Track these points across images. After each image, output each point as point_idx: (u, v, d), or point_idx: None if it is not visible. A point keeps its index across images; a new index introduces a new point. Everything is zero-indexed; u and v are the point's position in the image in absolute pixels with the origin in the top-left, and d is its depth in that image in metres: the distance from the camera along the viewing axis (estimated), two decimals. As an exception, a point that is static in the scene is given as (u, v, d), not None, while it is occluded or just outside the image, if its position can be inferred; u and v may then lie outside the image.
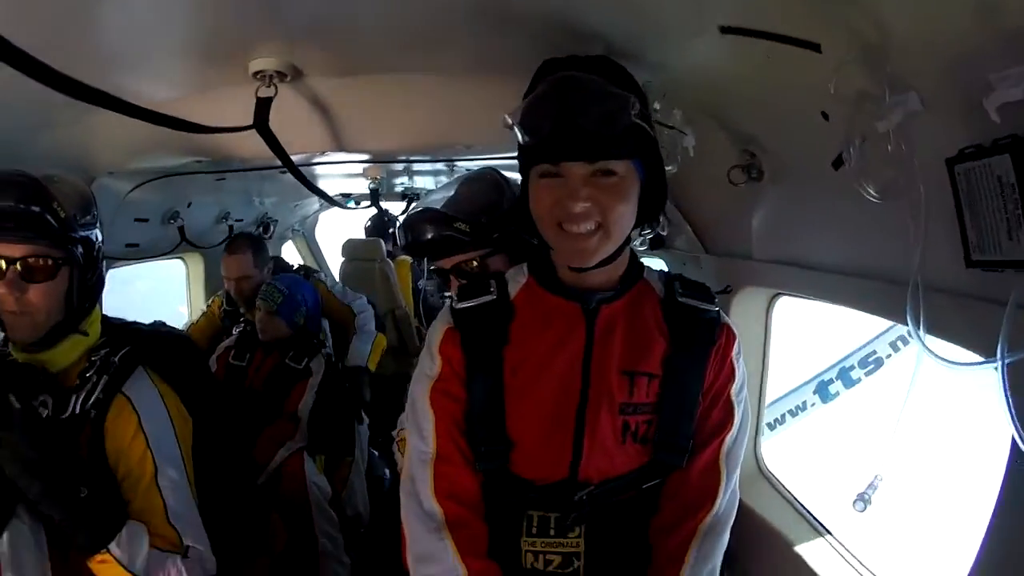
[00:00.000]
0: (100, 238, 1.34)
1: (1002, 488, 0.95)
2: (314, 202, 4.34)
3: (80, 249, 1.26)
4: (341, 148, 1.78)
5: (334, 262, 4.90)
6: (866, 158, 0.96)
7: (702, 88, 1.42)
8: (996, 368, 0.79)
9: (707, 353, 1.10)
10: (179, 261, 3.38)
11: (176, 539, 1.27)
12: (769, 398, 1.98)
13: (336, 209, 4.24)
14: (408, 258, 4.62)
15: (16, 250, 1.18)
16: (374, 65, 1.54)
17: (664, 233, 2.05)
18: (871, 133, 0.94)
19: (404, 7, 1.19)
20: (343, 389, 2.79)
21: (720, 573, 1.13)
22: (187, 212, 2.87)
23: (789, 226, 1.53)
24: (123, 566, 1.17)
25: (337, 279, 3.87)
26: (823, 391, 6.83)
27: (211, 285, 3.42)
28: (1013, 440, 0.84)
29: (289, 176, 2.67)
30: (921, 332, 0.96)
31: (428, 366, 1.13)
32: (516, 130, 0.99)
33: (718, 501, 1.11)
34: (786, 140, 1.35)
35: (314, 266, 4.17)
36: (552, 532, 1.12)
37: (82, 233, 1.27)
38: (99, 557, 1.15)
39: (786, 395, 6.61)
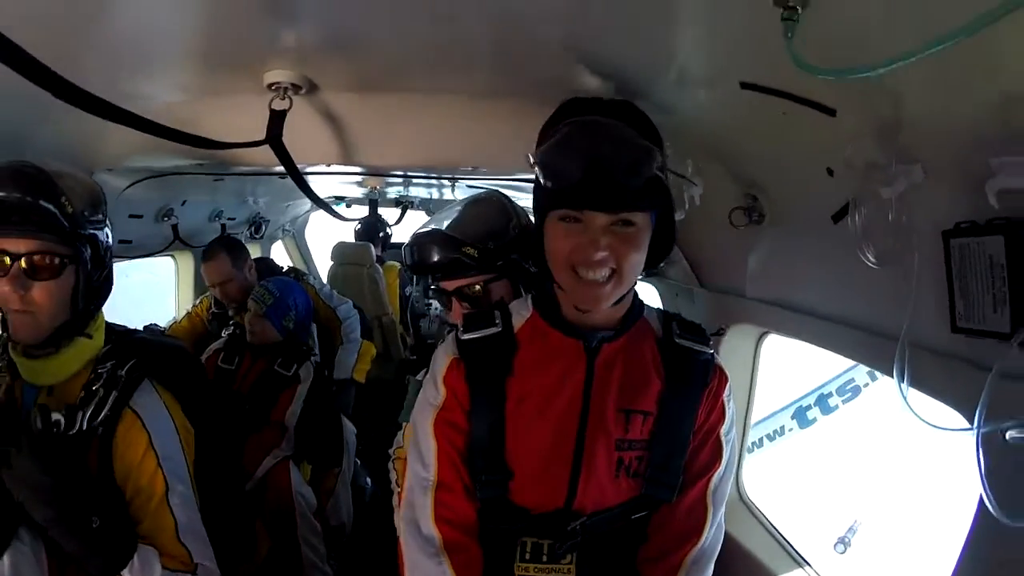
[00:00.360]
0: (110, 238, 1.30)
1: (968, 536, 1.01)
2: (305, 203, 4.34)
3: (88, 248, 1.21)
4: (349, 161, 1.80)
5: (322, 263, 4.90)
6: (868, 222, 1.03)
7: (709, 132, 1.49)
8: (972, 435, 0.86)
9: (700, 394, 1.13)
10: (169, 259, 3.36)
11: (187, 557, 1.26)
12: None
13: (320, 212, 4.27)
14: (396, 264, 4.63)
15: (21, 245, 1.13)
16: (388, 82, 1.58)
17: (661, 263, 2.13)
18: (874, 197, 1.01)
19: (420, 28, 1.21)
20: (330, 399, 2.79)
21: None
22: (181, 210, 2.87)
23: (783, 269, 1.59)
24: None
25: (325, 281, 3.87)
26: (801, 416, 6.99)
27: (200, 284, 3.39)
28: (980, 497, 0.90)
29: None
30: (904, 387, 1.02)
31: (432, 395, 1.15)
32: (537, 170, 0.99)
33: (704, 535, 1.14)
34: (789, 189, 1.42)
35: (303, 267, 4.17)
36: (545, 559, 1.15)
37: (91, 231, 1.23)
38: None
39: (765, 419, 6.75)
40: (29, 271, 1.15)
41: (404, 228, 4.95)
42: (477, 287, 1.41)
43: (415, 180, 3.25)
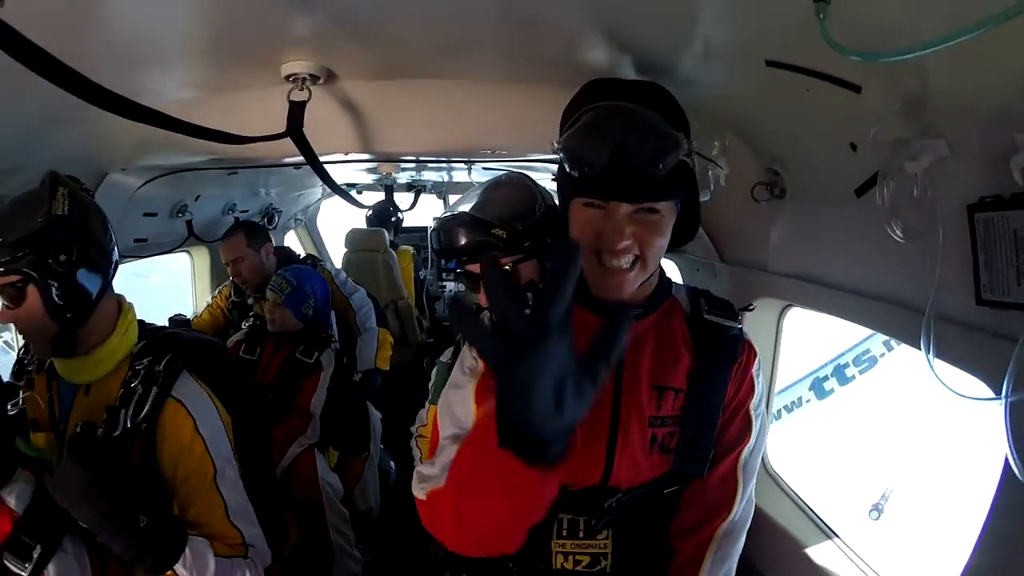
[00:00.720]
0: (66, 251, 1.29)
1: (993, 502, 1.05)
2: (316, 192, 4.37)
3: (37, 267, 1.24)
4: (368, 149, 1.83)
5: (334, 250, 4.95)
6: (895, 196, 1.05)
7: (731, 108, 1.50)
8: (1000, 404, 0.89)
9: (729, 369, 1.15)
10: (185, 255, 3.41)
11: (238, 538, 1.32)
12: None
13: (336, 198, 4.29)
14: (410, 248, 4.67)
15: None
16: (406, 69, 1.59)
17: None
18: (900, 172, 1.03)
19: (437, 13, 1.23)
20: (353, 385, 2.84)
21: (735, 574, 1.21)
22: (195, 205, 2.91)
23: (806, 243, 1.61)
24: None
25: (340, 268, 3.93)
26: (818, 387, 7.02)
27: (216, 278, 3.45)
28: (1007, 461, 0.94)
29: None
30: (931, 358, 1.06)
31: (472, 365, 1.16)
32: (562, 156, 1.02)
33: (735, 508, 1.17)
34: (813, 164, 1.43)
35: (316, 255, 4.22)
36: (581, 535, 1.18)
37: (31, 249, 1.24)
38: None
39: (782, 391, 6.79)
40: (6, 303, 1.26)
41: (416, 212, 4.98)
42: (506, 268, 1.44)
43: (429, 165, 3.27)
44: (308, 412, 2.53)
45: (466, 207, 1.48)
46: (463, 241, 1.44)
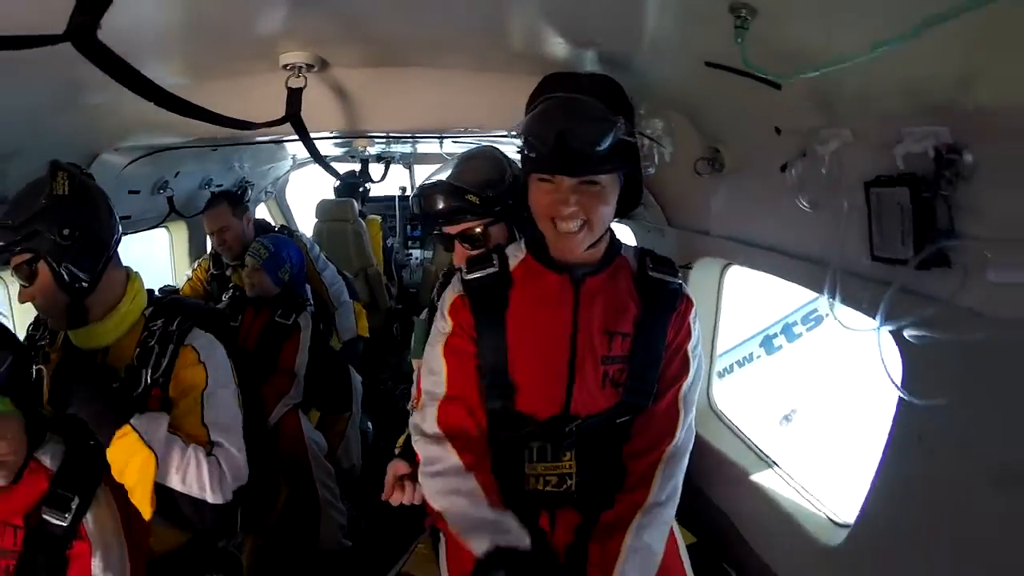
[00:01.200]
0: (69, 226, 1.38)
1: (895, 415, 1.30)
2: (284, 165, 4.36)
3: (44, 243, 1.35)
4: (356, 129, 1.93)
5: (302, 221, 4.94)
6: (805, 174, 1.27)
7: (678, 95, 1.68)
8: (875, 332, 1.14)
9: (669, 317, 1.30)
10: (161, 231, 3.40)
11: (204, 437, 1.42)
12: (720, 350, 2.35)
13: (302, 171, 4.29)
14: (377, 217, 4.73)
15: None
16: (393, 58, 1.70)
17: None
18: (811, 154, 1.25)
19: (420, 10, 1.33)
20: (336, 352, 2.95)
21: (681, 493, 1.37)
22: (174, 182, 2.92)
23: (741, 211, 1.84)
24: (141, 437, 1.30)
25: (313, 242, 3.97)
26: (768, 344, 7.56)
27: (194, 252, 3.45)
28: (900, 385, 1.19)
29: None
30: (836, 303, 1.30)
31: (442, 326, 1.33)
32: (520, 138, 1.18)
33: (678, 434, 1.32)
34: (745, 143, 1.64)
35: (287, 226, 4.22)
36: (549, 458, 1.33)
37: (37, 228, 1.35)
38: (119, 432, 1.29)
39: (735, 347, 7.28)
40: (22, 280, 1.40)
41: (385, 184, 5.01)
42: (478, 230, 1.55)
43: (401, 139, 3.34)
44: (292, 372, 2.61)
45: (443, 176, 1.57)
46: (441, 206, 1.53)
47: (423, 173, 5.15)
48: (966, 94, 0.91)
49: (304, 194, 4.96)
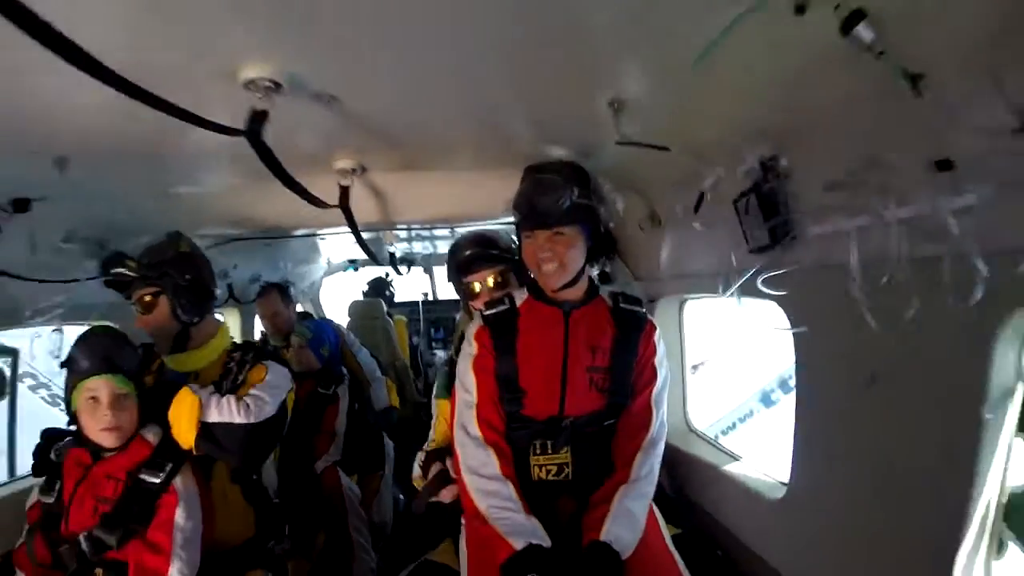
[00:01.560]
0: (189, 274, 1.91)
1: (796, 387, 1.70)
2: (319, 269, 4.99)
3: (169, 283, 1.84)
4: (388, 221, 2.49)
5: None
6: (704, 210, 1.77)
7: (626, 171, 2.23)
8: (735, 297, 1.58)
9: (638, 337, 1.65)
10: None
11: (245, 393, 1.80)
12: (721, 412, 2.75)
13: (331, 279, 4.92)
14: (403, 317, 5.26)
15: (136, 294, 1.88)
16: (418, 164, 2.11)
17: (608, 271, 2.84)
18: (704, 191, 1.77)
19: (441, 127, 1.68)
20: (371, 419, 3.33)
21: (666, 495, 1.66)
22: (233, 272, 3.45)
23: (677, 250, 2.30)
24: (192, 391, 1.68)
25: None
26: (766, 400, 7.94)
27: (243, 335, 3.92)
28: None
29: (298, 242, 3.36)
30: (729, 292, 1.73)
31: (469, 350, 1.66)
32: (513, 210, 1.62)
33: (652, 428, 1.63)
34: (668, 198, 2.16)
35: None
36: (549, 451, 1.62)
37: (167, 271, 1.85)
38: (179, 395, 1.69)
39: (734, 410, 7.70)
40: (142, 309, 1.88)
41: (406, 289, 5.58)
42: (499, 277, 2.00)
43: (418, 236, 3.92)
44: (333, 433, 3.03)
45: (473, 236, 2.09)
46: (468, 253, 2.02)
47: (442, 274, 5.69)
48: (776, 121, 1.42)
49: (335, 298, 5.54)
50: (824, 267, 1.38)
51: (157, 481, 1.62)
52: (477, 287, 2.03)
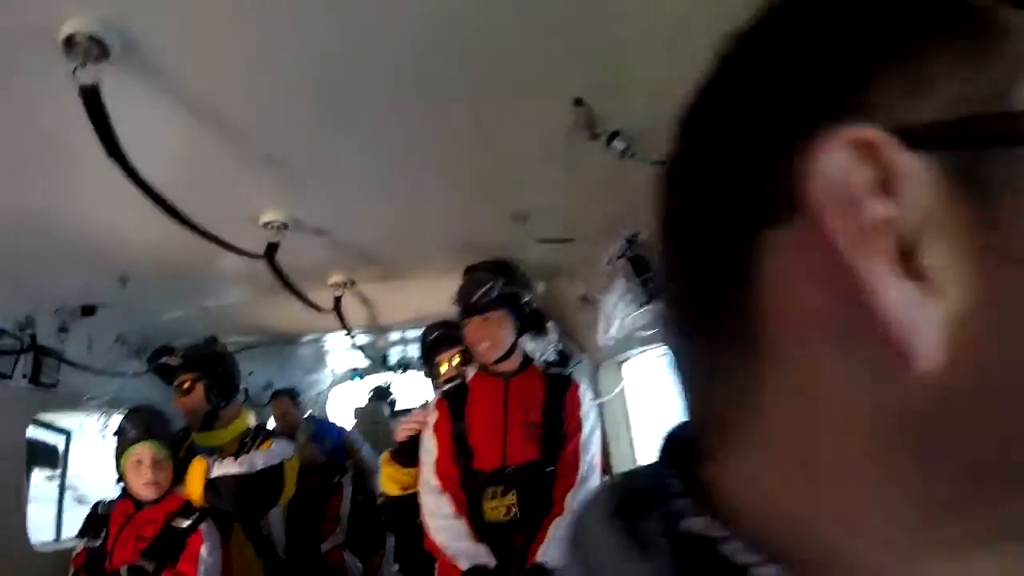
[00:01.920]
0: (221, 367, 2.38)
1: None
2: (325, 380, 5.43)
3: (205, 372, 2.30)
4: (375, 324, 3.02)
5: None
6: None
7: (548, 265, 2.80)
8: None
9: (564, 395, 1.92)
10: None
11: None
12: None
13: (337, 389, 5.35)
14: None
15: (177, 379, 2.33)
16: (399, 275, 2.58)
17: (562, 348, 3.30)
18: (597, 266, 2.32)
19: (410, 243, 2.27)
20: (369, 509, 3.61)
21: None
22: (249, 379, 3.70)
23: (607, 320, 2.81)
24: (203, 458, 2.10)
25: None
26: None
27: (258, 433, 4.26)
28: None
29: (305, 352, 3.87)
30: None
31: (430, 418, 1.93)
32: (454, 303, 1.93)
33: (581, 468, 1.85)
34: (591, 280, 2.71)
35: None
36: (499, 496, 1.84)
37: (206, 364, 2.33)
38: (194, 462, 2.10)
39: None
40: (180, 393, 2.31)
41: (405, 397, 5.90)
42: (461, 355, 2.33)
43: (411, 339, 4.39)
44: (338, 517, 3.31)
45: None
46: (436, 334, 2.45)
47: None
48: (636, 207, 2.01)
49: (343, 408, 5.84)
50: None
51: (187, 524, 1.99)
52: (444, 367, 2.40)
